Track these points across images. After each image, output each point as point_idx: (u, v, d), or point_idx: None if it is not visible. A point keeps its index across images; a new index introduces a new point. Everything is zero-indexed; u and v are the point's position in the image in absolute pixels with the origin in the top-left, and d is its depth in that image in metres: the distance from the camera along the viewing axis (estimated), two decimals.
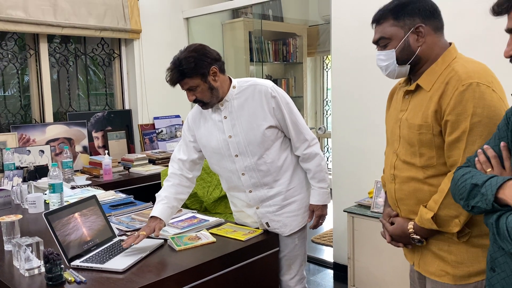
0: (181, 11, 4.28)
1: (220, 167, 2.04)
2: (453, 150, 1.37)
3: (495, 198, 1.08)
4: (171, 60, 1.89)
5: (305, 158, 1.99)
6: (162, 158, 3.78)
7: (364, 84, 3.08)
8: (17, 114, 3.58)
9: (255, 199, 1.99)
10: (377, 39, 1.49)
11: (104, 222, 1.90)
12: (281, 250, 2.02)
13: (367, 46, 3.02)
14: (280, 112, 1.92)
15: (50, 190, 2.32)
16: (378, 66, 1.52)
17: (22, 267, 1.59)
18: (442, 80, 1.40)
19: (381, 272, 2.75)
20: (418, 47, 1.44)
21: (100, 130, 3.88)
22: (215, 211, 3.17)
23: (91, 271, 1.60)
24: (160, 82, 4.15)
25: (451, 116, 1.35)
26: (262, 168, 1.95)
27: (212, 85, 1.88)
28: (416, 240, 1.49)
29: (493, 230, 1.10)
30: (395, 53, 1.45)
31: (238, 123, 1.93)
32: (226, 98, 1.94)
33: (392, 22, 1.45)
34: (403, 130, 1.50)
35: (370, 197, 2.89)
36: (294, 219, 1.99)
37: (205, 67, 1.85)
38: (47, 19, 3.35)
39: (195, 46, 1.89)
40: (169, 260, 1.71)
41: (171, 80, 1.89)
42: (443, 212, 1.37)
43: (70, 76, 3.84)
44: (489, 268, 1.17)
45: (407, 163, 1.49)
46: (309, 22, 5.34)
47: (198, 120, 2.05)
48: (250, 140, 1.92)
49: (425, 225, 1.43)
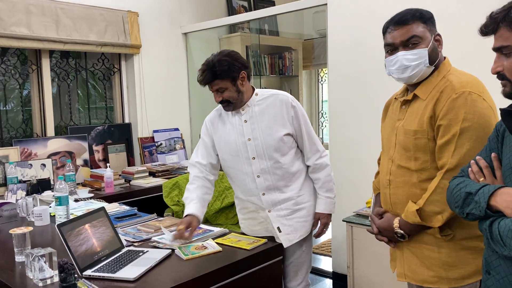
0: (179, 27, 4.37)
1: (235, 170, 2.12)
2: (443, 152, 1.46)
3: (487, 205, 1.17)
4: (204, 62, 2.00)
5: (316, 168, 2.11)
6: (162, 170, 3.83)
7: (360, 96, 3.17)
8: (18, 128, 3.62)
9: (268, 202, 2.07)
10: (409, 37, 1.50)
11: (112, 233, 1.95)
12: (288, 257, 2.09)
13: (363, 60, 3.14)
14: (297, 121, 2.05)
15: (57, 202, 2.36)
16: (403, 66, 1.52)
17: (36, 277, 1.63)
18: (438, 89, 1.50)
19: (380, 280, 2.81)
20: (439, 53, 1.55)
21: (100, 143, 3.93)
22: (216, 222, 3.22)
23: (102, 280, 1.65)
24: (159, 96, 4.23)
25: (444, 121, 1.45)
26: (277, 172, 2.05)
27: (240, 89, 2.02)
28: (399, 234, 1.57)
29: (487, 235, 1.18)
30: (427, 51, 1.50)
31: (258, 127, 2.04)
32: (248, 103, 2.07)
33: (422, 24, 1.52)
34: (399, 137, 1.59)
35: (368, 206, 2.96)
36: (304, 225, 2.09)
37: (236, 71, 1.98)
38: (50, 35, 3.42)
39: (228, 51, 2.02)
40: (178, 269, 1.76)
41: (202, 80, 2.01)
42: (428, 208, 1.47)
43: (70, 90, 3.89)
44: (485, 271, 1.24)
45: (402, 168, 1.58)
46: (304, 36, 5.46)
47: (216, 124, 2.16)
48: (268, 144, 2.02)
49: (409, 219, 1.51)
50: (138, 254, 1.86)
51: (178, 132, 4.36)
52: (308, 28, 5.49)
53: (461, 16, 2.67)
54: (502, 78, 1.19)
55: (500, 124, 1.29)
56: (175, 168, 3.92)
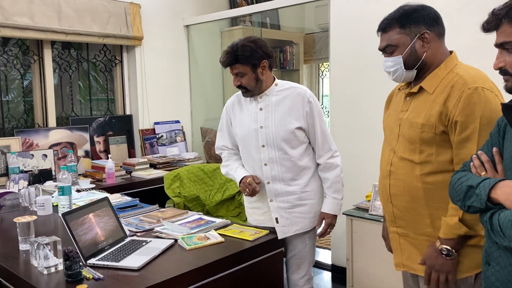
0: (181, 19, 4.36)
1: (245, 155, 2.17)
2: (462, 148, 1.46)
3: (488, 197, 1.19)
4: (229, 45, 2.03)
5: (326, 167, 2.11)
6: (163, 162, 3.84)
7: (362, 91, 3.18)
8: (20, 119, 3.63)
9: (271, 191, 2.09)
10: (384, 46, 1.59)
11: (116, 222, 1.96)
12: (291, 250, 2.11)
13: (365, 55, 3.14)
14: (312, 117, 2.06)
15: (59, 192, 2.38)
16: (386, 71, 1.62)
17: (41, 265, 1.65)
18: (446, 84, 1.50)
19: (380, 273, 2.84)
20: (424, 53, 1.54)
21: (101, 135, 3.93)
22: (216, 214, 3.24)
23: (107, 269, 1.66)
24: (161, 88, 4.24)
25: (460, 117, 1.44)
26: (285, 164, 2.06)
27: (259, 77, 2.04)
28: (444, 251, 1.47)
29: (487, 227, 1.20)
30: (402, 59, 1.55)
31: (271, 116, 2.06)
32: (266, 92, 2.08)
33: (399, 30, 1.54)
34: (403, 129, 1.59)
35: (368, 200, 2.98)
36: (301, 221, 2.09)
37: (258, 59, 2.00)
38: (52, 26, 3.42)
39: (254, 38, 2.04)
40: (181, 258, 1.78)
41: (224, 62, 2.03)
42: (469, 216, 1.42)
43: (72, 81, 3.90)
44: (485, 262, 1.27)
45: (404, 160, 1.58)
46: (306, 30, 5.46)
47: (235, 108, 2.20)
48: (279, 134, 2.04)
49: (453, 232, 1.45)
50: (141, 244, 1.87)
51: (179, 125, 4.37)
52: (309, 22, 5.49)
53: (463, 12, 2.68)
54: (505, 74, 1.21)
55: (501, 119, 1.31)
56: (176, 160, 3.94)
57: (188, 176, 3.27)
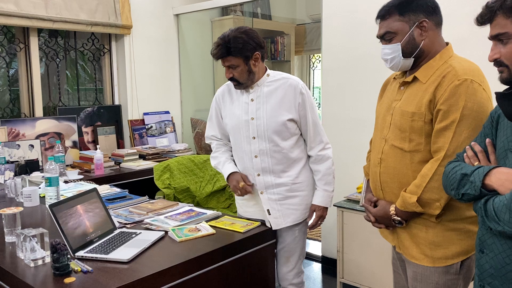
0: (171, 8, 4.30)
1: (236, 146, 2.14)
2: (439, 137, 1.48)
3: (482, 184, 1.21)
4: (220, 36, 1.98)
5: (318, 160, 2.08)
6: (152, 153, 3.80)
7: (354, 82, 3.16)
8: (6, 108, 3.55)
9: (261, 183, 2.06)
10: (383, 33, 1.59)
11: (105, 214, 1.93)
12: (280, 242, 2.09)
13: (358, 45, 3.12)
14: (304, 109, 2.02)
15: (47, 183, 2.33)
16: (383, 58, 1.62)
17: (27, 258, 1.61)
18: (439, 74, 1.51)
19: (370, 264, 2.85)
20: (422, 41, 1.55)
21: (89, 125, 3.87)
22: (207, 206, 3.22)
23: (96, 261, 1.63)
24: (150, 78, 4.18)
25: (444, 106, 1.46)
26: (275, 156, 2.03)
27: (252, 68, 1.99)
28: (396, 221, 1.60)
29: (481, 213, 1.22)
30: (400, 46, 1.55)
31: (262, 107, 2.02)
32: (257, 83, 2.04)
33: (398, 17, 1.55)
34: (395, 117, 1.60)
35: (359, 192, 2.98)
36: (293, 213, 2.07)
37: (250, 50, 1.95)
38: (38, 13, 3.34)
39: (245, 29, 1.98)
40: (172, 250, 1.75)
41: (216, 54, 1.98)
42: (426, 196, 1.49)
43: (59, 70, 3.82)
44: (478, 250, 1.28)
45: (395, 148, 1.60)
46: (297, 21, 5.41)
47: (225, 98, 2.16)
48: (270, 126, 2.00)
49: (408, 209, 1.54)
50: (131, 236, 1.84)
51: (168, 115, 4.32)
52: (300, 13, 5.45)
53: (456, 3, 2.67)
54: (500, 65, 1.23)
55: (494, 111, 1.33)
56: (166, 152, 3.89)
57: (178, 167, 3.24)
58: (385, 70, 3.13)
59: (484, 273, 1.24)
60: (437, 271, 1.55)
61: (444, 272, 1.55)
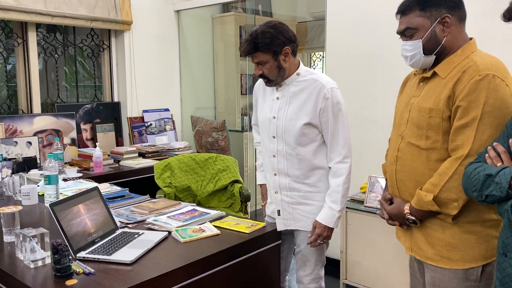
0: (172, 4, 4.24)
1: (262, 142, 2.11)
2: (458, 135, 1.42)
3: (509, 185, 1.16)
4: (249, 32, 1.91)
5: (333, 172, 1.95)
6: (152, 151, 3.74)
7: (358, 80, 3.12)
8: (3, 104, 3.48)
9: (276, 183, 2.01)
10: (403, 29, 1.53)
11: (107, 214, 1.87)
12: (297, 245, 2.03)
13: (362, 43, 3.08)
14: (326, 115, 1.90)
15: (46, 181, 2.27)
16: (403, 55, 1.56)
17: (27, 258, 1.56)
18: (459, 68, 1.45)
19: (373, 265, 2.81)
20: (444, 37, 1.49)
21: (88, 122, 3.81)
22: (208, 205, 3.17)
23: (98, 263, 1.58)
24: (150, 75, 4.12)
25: (463, 102, 1.40)
26: (292, 160, 1.96)
27: (281, 64, 1.90)
28: (410, 220, 1.56)
29: (508, 216, 1.17)
30: (421, 43, 1.50)
31: (285, 108, 1.95)
32: (285, 81, 1.96)
33: (419, 13, 1.49)
34: (413, 114, 1.55)
35: (363, 192, 2.94)
36: (304, 220, 1.99)
37: (279, 45, 1.87)
38: (37, 8, 3.27)
39: (274, 23, 1.91)
40: (176, 252, 1.70)
41: (244, 51, 1.91)
42: (443, 195, 1.44)
43: (58, 66, 3.75)
44: (501, 253, 1.23)
45: (411, 145, 1.55)
46: (298, 19, 5.37)
47: (261, 90, 2.11)
48: (288, 128, 1.94)
49: (424, 207, 1.49)
50: (133, 236, 1.79)
51: (168, 113, 4.26)
52: (302, 10, 5.40)
53: None
54: None
55: None
56: (165, 150, 3.84)
57: (179, 166, 3.18)
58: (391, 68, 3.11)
59: (507, 277, 1.19)
60: (456, 277, 1.49)
61: (464, 278, 1.49)
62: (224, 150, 3.89)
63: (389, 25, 2.62)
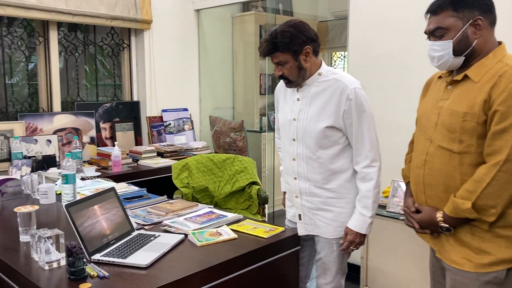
0: (192, 3, 4.21)
1: (282, 145, 2.05)
2: (496, 139, 1.39)
3: None
4: (269, 31, 1.85)
5: (361, 177, 1.86)
6: (170, 151, 3.72)
7: (380, 81, 3.03)
8: (24, 103, 3.51)
9: (297, 187, 1.95)
10: (433, 29, 1.49)
11: (123, 215, 1.84)
12: (318, 252, 1.97)
13: (385, 43, 2.99)
14: (349, 117, 1.82)
15: (63, 180, 2.26)
16: (430, 55, 1.53)
17: (42, 260, 1.54)
18: (494, 73, 1.42)
19: (395, 272, 2.72)
20: (475, 39, 1.46)
21: (108, 121, 3.81)
22: (225, 206, 3.13)
23: (112, 266, 1.55)
24: (169, 74, 4.10)
25: (502, 107, 1.37)
26: (312, 164, 1.89)
27: (302, 64, 1.83)
28: (444, 228, 1.52)
29: None
30: (452, 44, 1.46)
31: (305, 109, 1.89)
32: (306, 82, 1.89)
33: (451, 13, 1.46)
34: (443, 117, 1.51)
35: (386, 196, 2.85)
36: (325, 226, 1.93)
37: (299, 44, 1.80)
38: (58, 6, 3.28)
39: (294, 22, 1.84)
40: (192, 256, 1.66)
41: (263, 51, 1.85)
42: (481, 202, 1.41)
43: (78, 65, 3.77)
44: None
45: (442, 149, 1.51)
46: (319, 18, 5.29)
47: (282, 92, 2.05)
48: (308, 131, 1.87)
49: (460, 215, 1.45)
50: (149, 239, 1.76)
51: (187, 113, 4.24)
52: (323, 10, 5.33)
53: None
54: None
55: None
56: (184, 149, 3.81)
57: (197, 166, 3.15)
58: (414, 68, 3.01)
59: None
60: (478, 280, 1.46)
61: (485, 282, 1.46)
62: (242, 150, 3.84)
63: (414, 25, 2.54)
